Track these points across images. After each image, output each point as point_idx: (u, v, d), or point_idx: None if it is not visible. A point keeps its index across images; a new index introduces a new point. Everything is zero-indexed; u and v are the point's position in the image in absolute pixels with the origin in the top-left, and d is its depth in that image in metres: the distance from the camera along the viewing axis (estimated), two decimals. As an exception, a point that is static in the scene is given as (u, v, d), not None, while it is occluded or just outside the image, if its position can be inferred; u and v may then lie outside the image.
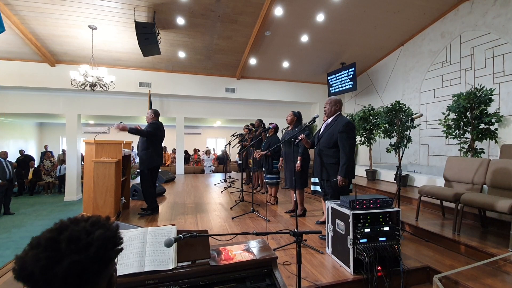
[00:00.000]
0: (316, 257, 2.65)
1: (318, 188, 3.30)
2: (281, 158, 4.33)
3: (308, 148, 3.51)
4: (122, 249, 0.66)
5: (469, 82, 5.73)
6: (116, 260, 0.68)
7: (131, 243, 1.38)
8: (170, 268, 1.33)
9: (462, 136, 4.42)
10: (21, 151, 10.50)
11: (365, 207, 2.34)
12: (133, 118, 9.76)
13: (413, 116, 3.35)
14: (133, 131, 3.88)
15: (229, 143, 6.57)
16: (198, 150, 13.24)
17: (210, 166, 10.97)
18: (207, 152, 11.44)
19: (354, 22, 6.43)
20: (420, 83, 6.95)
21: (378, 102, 8.12)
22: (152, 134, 4.05)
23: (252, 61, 7.92)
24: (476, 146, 4.36)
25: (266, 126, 5.24)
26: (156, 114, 4.27)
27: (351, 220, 2.26)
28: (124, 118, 9.09)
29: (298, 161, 3.71)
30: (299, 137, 3.09)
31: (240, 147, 6.65)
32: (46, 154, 10.61)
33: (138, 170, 7.80)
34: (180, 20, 5.96)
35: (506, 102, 5.13)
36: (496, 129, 4.36)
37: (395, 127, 5.65)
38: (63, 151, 12.07)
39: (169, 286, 1.32)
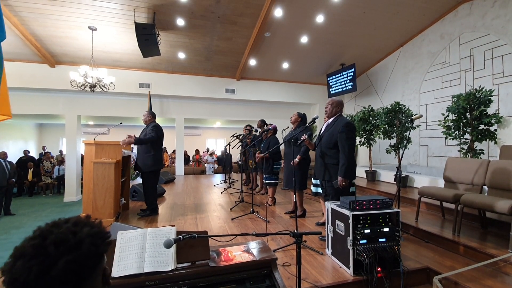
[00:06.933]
0: (316, 258, 2.64)
1: (319, 189, 3.28)
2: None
3: (311, 150, 3.48)
4: (111, 242, 0.67)
5: (469, 83, 5.75)
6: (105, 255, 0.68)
7: (131, 244, 1.38)
8: (170, 269, 1.33)
9: (461, 137, 4.42)
10: (25, 152, 10.43)
11: (365, 208, 2.34)
12: (132, 119, 9.76)
13: (412, 117, 3.35)
14: (139, 141, 3.94)
15: (229, 144, 6.57)
16: (200, 151, 13.29)
17: (212, 167, 11.03)
18: (211, 153, 11.52)
19: (353, 23, 6.44)
20: (420, 84, 6.96)
21: (378, 103, 8.12)
22: (158, 138, 4.06)
23: (252, 62, 7.92)
24: (476, 147, 4.36)
25: (266, 128, 5.21)
26: (153, 115, 4.30)
27: (351, 221, 2.26)
28: (123, 119, 9.09)
29: (297, 158, 3.65)
30: (301, 138, 3.08)
31: (240, 148, 6.64)
32: (45, 155, 10.58)
33: (136, 172, 7.79)
34: (180, 21, 5.97)
35: (505, 103, 5.14)
36: (495, 130, 4.37)
37: (395, 128, 5.65)
38: (61, 151, 12.09)
39: (169, 287, 1.32)
